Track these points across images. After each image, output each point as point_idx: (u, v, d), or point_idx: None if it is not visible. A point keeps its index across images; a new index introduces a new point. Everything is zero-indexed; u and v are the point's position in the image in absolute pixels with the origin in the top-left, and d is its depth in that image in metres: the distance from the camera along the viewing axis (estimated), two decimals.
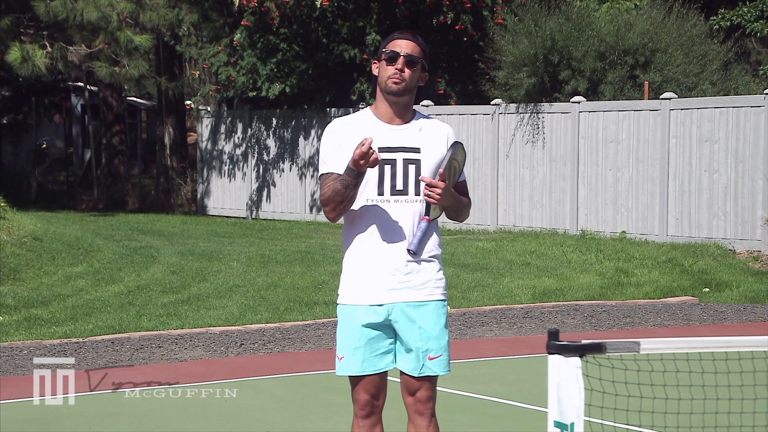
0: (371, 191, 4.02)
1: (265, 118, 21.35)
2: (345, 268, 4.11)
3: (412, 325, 4.04)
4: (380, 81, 4.06)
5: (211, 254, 14.37)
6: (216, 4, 21.21)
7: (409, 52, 4.02)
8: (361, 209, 4.03)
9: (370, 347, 4.05)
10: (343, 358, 4.08)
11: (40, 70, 19.44)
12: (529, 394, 6.90)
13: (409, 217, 4.02)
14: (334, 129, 4.09)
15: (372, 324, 4.04)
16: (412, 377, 4.07)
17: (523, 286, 11.94)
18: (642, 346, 3.26)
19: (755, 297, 11.51)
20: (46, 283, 11.85)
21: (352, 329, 4.06)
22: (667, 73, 16.58)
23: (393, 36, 4.10)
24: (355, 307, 4.06)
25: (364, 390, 4.09)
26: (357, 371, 4.07)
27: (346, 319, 4.10)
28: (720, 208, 14.86)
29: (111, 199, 24.51)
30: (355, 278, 4.06)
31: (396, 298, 4.03)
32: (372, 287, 4.03)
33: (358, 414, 4.13)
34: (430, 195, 3.94)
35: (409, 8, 19.30)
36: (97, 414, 6.49)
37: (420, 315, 4.05)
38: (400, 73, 4.00)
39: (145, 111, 31.96)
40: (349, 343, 4.07)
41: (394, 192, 4.02)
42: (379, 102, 4.10)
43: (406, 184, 4.02)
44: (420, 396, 4.08)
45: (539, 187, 16.94)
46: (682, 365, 4.60)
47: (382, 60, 4.06)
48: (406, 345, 4.06)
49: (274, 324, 9.69)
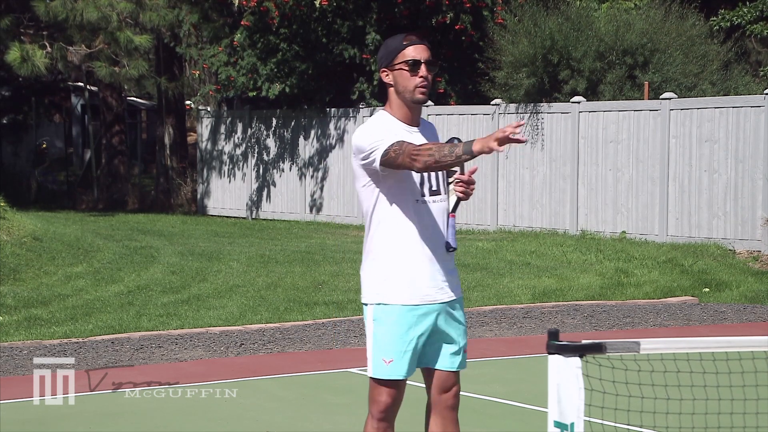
0: (416, 193, 4.07)
1: (265, 118, 21.36)
2: (386, 268, 4.07)
3: (454, 322, 4.16)
4: (402, 89, 4.07)
5: (211, 254, 14.37)
6: (216, 5, 21.21)
7: (427, 57, 4.08)
8: (407, 211, 4.05)
9: (416, 351, 4.08)
10: (392, 362, 4.04)
11: (39, 70, 19.44)
12: (529, 394, 6.90)
13: (442, 216, 4.12)
14: (371, 127, 4.05)
15: (422, 324, 4.07)
16: (451, 372, 4.15)
17: (523, 286, 11.94)
18: (642, 346, 3.26)
19: (755, 297, 11.51)
20: (46, 283, 11.84)
21: (404, 331, 4.05)
22: (667, 73, 16.58)
23: (401, 43, 4.08)
24: (407, 307, 4.06)
25: (389, 394, 4.08)
26: (402, 375, 4.07)
27: (395, 319, 4.06)
28: (720, 208, 14.86)
29: (111, 199, 24.51)
30: (403, 279, 4.06)
31: (444, 297, 4.11)
32: (424, 287, 4.06)
33: (375, 416, 4.10)
34: (466, 192, 4.01)
35: (408, 8, 19.29)
36: (97, 414, 6.49)
37: (457, 311, 4.18)
38: (426, 81, 4.06)
39: (145, 111, 31.97)
40: (398, 347, 4.05)
41: (431, 193, 4.10)
42: (398, 107, 4.12)
43: (438, 184, 4.12)
44: (455, 390, 4.18)
45: (539, 187, 16.94)
46: (682, 365, 4.60)
47: (398, 69, 4.06)
48: (449, 342, 4.14)
49: (274, 324, 9.69)
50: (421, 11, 19.31)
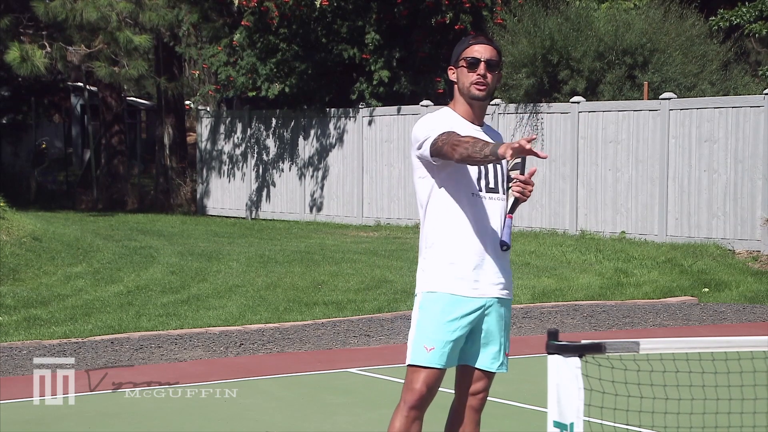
0: (471, 187, 4.10)
1: (265, 118, 21.35)
2: (439, 259, 4.10)
3: (500, 321, 4.15)
4: (462, 86, 4.17)
5: (211, 254, 14.37)
6: (215, 5, 21.21)
7: (488, 57, 4.14)
8: (462, 204, 4.09)
9: (458, 341, 4.08)
10: (433, 350, 4.04)
11: (39, 70, 19.44)
12: (529, 395, 6.90)
13: (499, 214, 4.13)
14: (430, 118, 4.14)
15: (469, 316, 4.07)
16: (487, 372, 4.15)
17: (523, 286, 11.94)
18: (641, 346, 3.26)
19: (754, 297, 11.51)
20: (46, 283, 11.84)
21: (448, 319, 4.06)
22: (666, 73, 16.58)
23: (468, 42, 4.19)
24: (455, 297, 4.07)
25: (426, 383, 4.06)
26: (442, 364, 4.05)
27: (441, 307, 4.07)
28: (719, 208, 14.86)
29: (110, 199, 24.51)
30: (455, 270, 4.08)
31: (494, 293, 4.12)
32: (472, 279, 4.07)
33: (408, 402, 4.06)
34: (523, 193, 4.00)
35: (408, 8, 19.29)
36: (97, 414, 6.49)
37: (505, 311, 4.18)
38: (483, 79, 4.12)
39: (145, 111, 31.96)
40: (441, 335, 4.05)
41: (488, 190, 4.13)
42: (460, 104, 4.21)
43: (497, 182, 4.16)
44: (485, 392, 4.19)
45: (539, 188, 16.92)
46: (681, 365, 4.60)
47: (460, 66, 4.16)
48: (492, 340, 4.14)
49: (273, 324, 9.69)
50: (421, 11, 19.31)
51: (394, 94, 19.60)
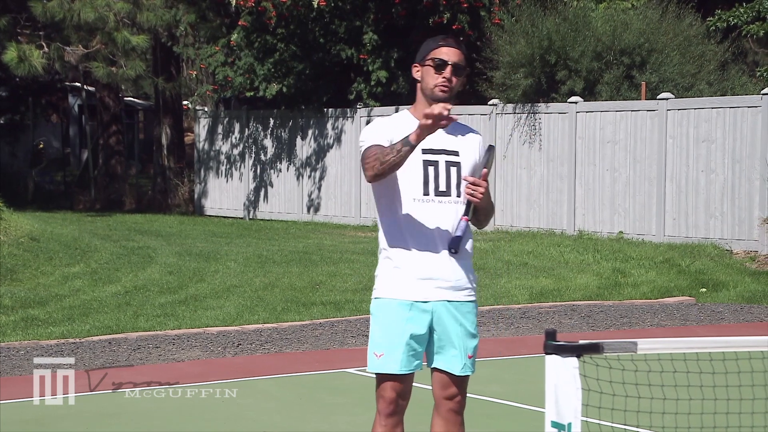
0: (417, 191, 4.06)
1: (263, 119, 21.35)
2: (387, 264, 4.10)
3: (456, 324, 4.10)
4: (425, 87, 4.13)
5: (209, 254, 14.36)
6: (213, 5, 21.20)
7: (456, 61, 4.11)
8: (407, 208, 4.07)
9: (410, 345, 4.05)
10: (383, 356, 4.04)
11: (36, 71, 19.42)
12: (527, 395, 6.90)
13: (450, 218, 4.08)
14: (379, 124, 4.13)
15: (414, 320, 4.05)
16: (453, 376, 4.10)
17: (521, 287, 11.94)
18: (639, 346, 3.26)
19: (752, 297, 11.51)
20: (43, 283, 11.84)
21: (394, 325, 4.05)
22: (664, 74, 16.59)
23: (437, 42, 4.16)
24: (399, 301, 4.06)
25: (393, 389, 4.06)
26: (395, 369, 4.04)
27: (387, 314, 4.07)
28: (717, 208, 14.87)
29: (108, 200, 24.49)
30: (400, 274, 4.07)
31: (441, 297, 4.07)
32: (416, 283, 4.05)
33: (382, 412, 4.08)
34: (474, 194, 3.98)
35: (406, 8, 19.29)
36: (97, 414, 6.49)
37: (461, 314, 4.11)
38: (448, 82, 4.10)
39: (143, 111, 31.97)
40: (390, 340, 4.04)
41: (437, 193, 4.09)
42: (421, 105, 4.15)
43: (449, 185, 4.10)
44: (457, 394, 4.13)
45: (536, 188, 16.94)
46: (679, 365, 4.60)
47: (426, 65, 4.13)
48: (449, 343, 4.10)
49: (271, 324, 9.69)
50: (419, 11, 19.31)
51: (391, 95, 19.60)
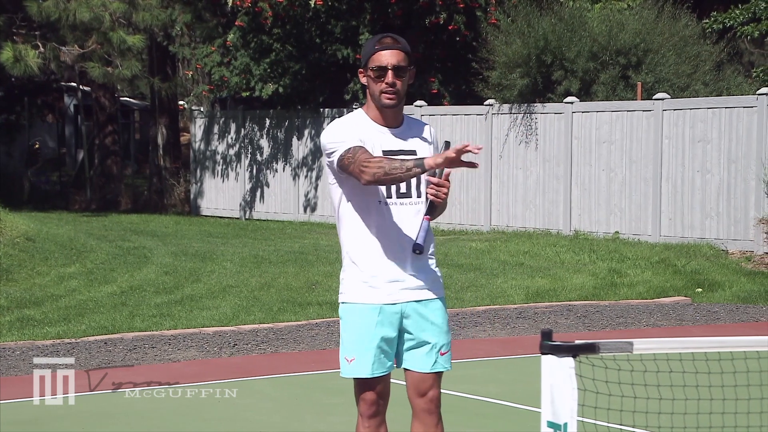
0: (378, 195, 4.04)
1: (259, 119, 21.34)
2: (352, 268, 4.10)
3: (425, 322, 4.09)
4: (372, 93, 4.05)
5: (205, 255, 14.35)
6: (209, 5, 21.18)
7: (395, 63, 4.00)
8: (370, 211, 4.05)
9: (380, 348, 4.05)
10: (354, 360, 4.05)
11: (32, 70, 19.41)
12: (523, 395, 6.91)
13: (412, 219, 4.06)
14: (338, 126, 4.06)
15: (384, 324, 4.04)
16: (424, 374, 4.09)
17: (517, 287, 11.95)
18: (635, 346, 3.26)
19: (748, 297, 11.53)
20: (39, 283, 11.82)
21: (364, 329, 4.05)
22: (660, 74, 16.60)
23: (374, 47, 4.03)
24: (367, 306, 4.05)
25: (371, 390, 4.06)
26: (368, 373, 4.04)
27: (356, 318, 4.07)
28: (713, 208, 14.88)
29: (104, 200, 24.47)
30: (366, 278, 4.06)
31: (408, 297, 4.07)
32: (385, 287, 4.05)
33: (364, 414, 4.09)
34: (437, 195, 3.95)
35: (402, 8, 19.29)
36: (96, 414, 6.49)
37: (430, 311, 4.10)
38: (392, 87, 4.00)
39: (138, 111, 31.93)
40: (360, 345, 4.05)
41: (399, 195, 4.06)
42: (372, 108, 4.10)
43: (409, 187, 4.07)
44: (431, 394, 4.11)
45: (532, 188, 16.95)
46: (675, 365, 4.61)
47: (369, 72, 4.03)
48: (419, 342, 4.09)
49: (267, 324, 9.69)
50: (415, 11, 19.31)
51: None
